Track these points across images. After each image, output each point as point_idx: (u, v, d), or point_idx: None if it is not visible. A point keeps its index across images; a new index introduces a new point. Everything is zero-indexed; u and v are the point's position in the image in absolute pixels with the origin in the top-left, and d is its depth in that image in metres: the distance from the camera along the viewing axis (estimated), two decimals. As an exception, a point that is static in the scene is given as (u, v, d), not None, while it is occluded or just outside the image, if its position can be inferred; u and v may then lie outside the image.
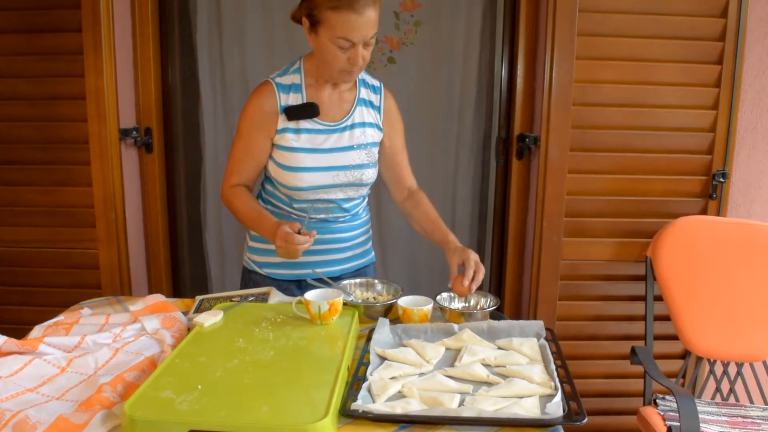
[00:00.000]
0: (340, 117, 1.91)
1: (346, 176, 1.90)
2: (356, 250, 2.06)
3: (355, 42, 1.71)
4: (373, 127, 1.96)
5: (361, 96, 1.94)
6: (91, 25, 2.32)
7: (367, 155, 1.94)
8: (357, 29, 1.69)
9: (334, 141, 1.89)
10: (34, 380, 1.36)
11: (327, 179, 1.89)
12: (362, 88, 1.96)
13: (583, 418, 1.21)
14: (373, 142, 1.96)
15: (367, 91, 1.97)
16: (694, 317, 2.22)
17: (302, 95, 1.88)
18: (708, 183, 2.44)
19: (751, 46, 2.38)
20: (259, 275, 2.04)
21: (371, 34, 1.72)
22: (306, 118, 1.87)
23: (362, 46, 1.73)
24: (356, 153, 1.91)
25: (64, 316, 1.72)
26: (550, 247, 2.46)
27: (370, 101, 1.96)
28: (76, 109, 2.39)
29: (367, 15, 1.68)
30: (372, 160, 1.95)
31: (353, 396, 1.28)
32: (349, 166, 1.90)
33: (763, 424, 2.02)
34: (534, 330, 1.62)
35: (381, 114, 1.97)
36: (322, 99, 1.89)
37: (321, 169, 1.88)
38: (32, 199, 2.48)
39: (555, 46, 2.32)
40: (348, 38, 1.70)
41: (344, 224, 2.00)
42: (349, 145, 1.90)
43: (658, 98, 2.38)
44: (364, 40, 1.72)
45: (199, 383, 1.27)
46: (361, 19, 1.68)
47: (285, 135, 1.87)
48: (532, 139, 2.51)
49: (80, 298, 1.94)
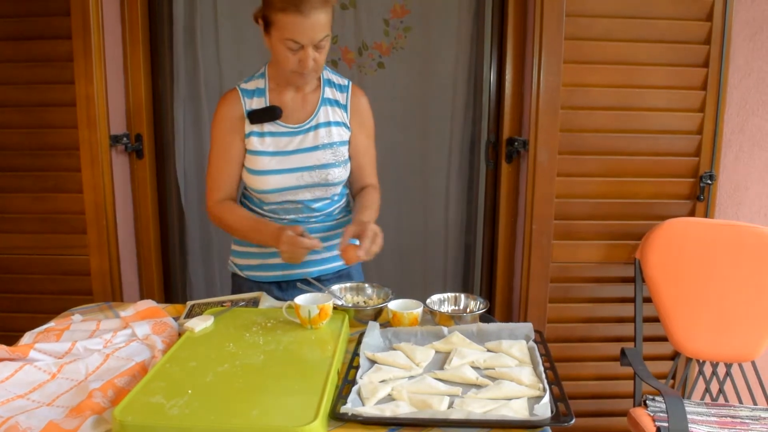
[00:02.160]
0: (304, 118, 1.92)
1: (312, 177, 1.91)
2: (333, 252, 2.00)
3: (303, 44, 1.73)
4: (340, 125, 1.95)
5: (325, 96, 1.94)
6: (81, 31, 2.33)
7: (333, 154, 1.92)
8: (303, 31, 1.70)
9: (298, 142, 1.91)
10: (25, 386, 1.36)
11: (292, 181, 1.91)
12: (327, 87, 1.95)
13: (571, 419, 1.22)
14: (341, 141, 1.94)
15: (332, 90, 1.95)
16: (683, 318, 2.24)
17: (265, 99, 1.92)
18: (695, 185, 2.46)
19: (736, 48, 2.40)
20: (240, 278, 2.07)
21: (320, 37, 1.73)
22: (268, 121, 1.90)
23: (312, 48, 1.74)
24: (321, 153, 1.91)
25: (55, 322, 1.72)
26: (539, 250, 2.47)
27: (336, 100, 1.95)
28: (66, 116, 2.39)
29: (314, 17, 1.69)
30: (339, 159, 1.94)
31: (343, 399, 1.29)
32: (314, 167, 1.91)
33: (752, 424, 2.03)
34: (523, 332, 1.63)
35: (348, 112, 1.96)
36: (285, 102, 1.92)
37: (285, 171, 1.90)
38: (23, 206, 2.48)
39: (543, 50, 2.34)
40: (295, 40, 1.72)
41: (318, 224, 2.00)
42: (313, 146, 1.91)
43: (646, 101, 2.40)
44: (312, 42, 1.73)
45: (189, 388, 1.28)
46: (308, 21, 1.69)
47: (251, 139, 1.90)
48: (521, 143, 2.53)
49: (71, 304, 1.94)
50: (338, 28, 3.39)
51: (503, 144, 2.61)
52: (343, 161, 1.95)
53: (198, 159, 3.43)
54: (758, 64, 2.42)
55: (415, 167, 3.58)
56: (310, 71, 1.80)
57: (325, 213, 2.01)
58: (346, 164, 1.97)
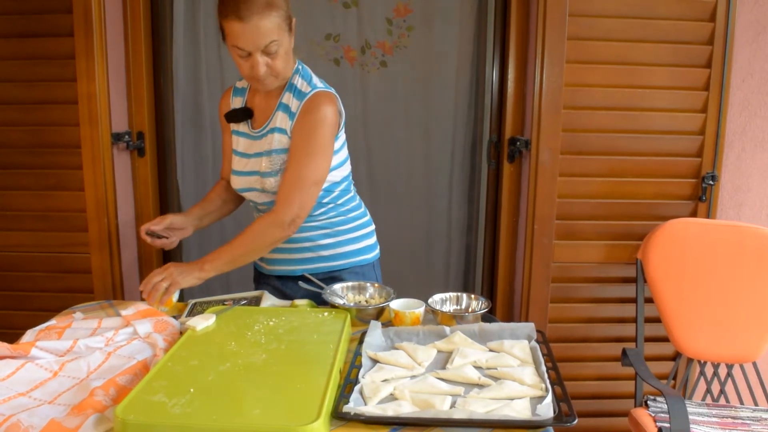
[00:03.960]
0: (262, 123, 1.91)
1: (256, 182, 1.91)
2: (317, 252, 1.98)
3: (248, 50, 1.71)
4: (283, 133, 1.86)
5: (282, 101, 1.87)
6: (83, 29, 2.32)
7: (270, 162, 1.87)
8: (245, 38, 1.69)
9: (256, 147, 1.91)
10: (26, 384, 1.36)
11: (245, 183, 1.95)
12: (287, 92, 1.87)
13: (573, 419, 1.22)
14: (281, 148, 1.86)
15: (290, 95, 1.86)
16: (684, 319, 2.24)
17: (243, 99, 1.97)
18: (697, 185, 2.46)
19: (739, 49, 2.40)
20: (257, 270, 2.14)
21: (264, 43, 1.70)
22: (237, 122, 1.95)
23: (261, 54, 1.72)
24: (263, 160, 1.89)
25: (57, 320, 1.72)
26: (541, 250, 2.47)
27: (288, 106, 1.86)
28: (68, 114, 2.39)
29: (254, 23, 1.66)
30: (274, 167, 1.86)
31: (345, 399, 1.29)
32: (257, 173, 1.90)
33: (753, 425, 2.03)
34: (525, 332, 1.62)
35: (293, 121, 1.84)
36: (255, 104, 1.95)
37: (242, 173, 1.95)
38: (24, 204, 2.48)
39: (545, 50, 2.33)
40: (239, 47, 1.71)
41: None
42: (260, 152, 1.90)
43: (648, 101, 2.40)
44: (256, 48, 1.70)
45: (191, 386, 1.28)
46: (248, 27, 1.67)
47: (232, 137, 1.98)
48: (523, 143, 2.52)
49: (72, 302, 1.94)
50: (341, 27, 3.39)
51: (505, 144, 2.61)
52: (279, 171, 1.86)
53: (197, 156, 3.43)
54: (761, 65, 2.42)
55: (417, 166, 3.58)
56: (266, 77, 1.77)
57: None
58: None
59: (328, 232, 1.97)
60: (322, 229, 1.97)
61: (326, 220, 1.97)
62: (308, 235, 1.96)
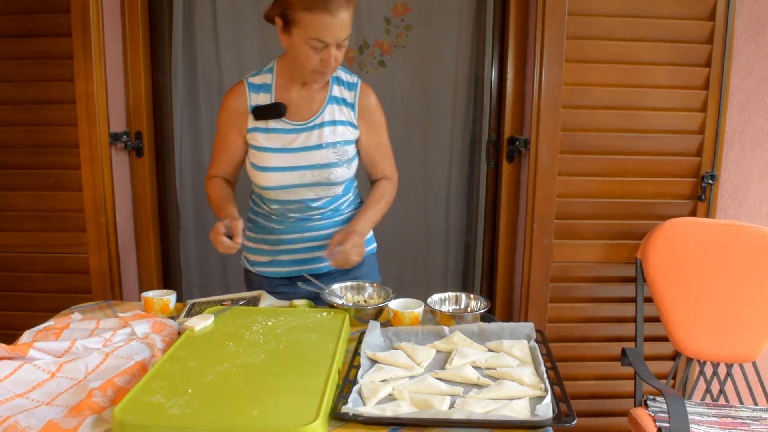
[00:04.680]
0: (309, 116, 1.91)
1: (314, 175, 1.91)
2: None
3: (329, 43, 1.73)
4: (346, 124, 1.94)
5: (332, 94, 1.93)
6: (81, 28, 2.32)
7: (336, 154, 1.91)
8: (330, 31, 1.70)
9: (303, 140, 1.90)
10: (24, 385, 1.35)
11: (294, 179, 1.91)
12: (335, 85, 1.94)
13: (573, 419, 1.22)
14: (345, 140, 1.93)
15: (340, 88, 1.94)
16: (684, 318, 2.23)
17: (271, 95, 1.92)
18: (697, 185, 2.45)
19: (738, 48, 2.40)
20: (251, 273, 2.09)
21: (344, 36, 1.74)
22: (271, 118, 1.91)
23: (335, 47, 1.75)
24: (324, 152, 1.90)
25: (54, 321, 1.71)
26: (540, 250, 2.47)
27: (343, 99, 1.94)
28: (66, 113, 2.38)
29: (340, 17, 1.69)
30: (342, 158, 1.92)
31: (344, 399, 1.29)
32: (316, 165, 1.90)
33: (753, 425, 2.03)
34: (524, 332, 1.62)
35: (356, 111, 1.94)
36: (291, 99, 1.92)
37: (288, 168, 1.91)
38: (22, 204, 2.47)
39: (544, 49, 2.33)
40: (321, 39, 1.71)
41: (323, 221, 2.00)
42: (317, 144, 1.90)
43: (647, 101, 2.40)
44: (337, 41, 1.73)
45: (189, 387, 1.27)
46: (335, 20, 1.69)
47: (255, 134, 1.92)
48: (522, 142, 2.52)
49: (71, 302, 1.93)
50: (339, 27, 3.38)
51: (504, 143, 2.61)
52: (347, 160, 1.93)
53: (195, 156, 3.42)
54: (760, 64, 2.42)
55: (416, 166, 3.57)
56: (331, 70, 1.81)
57: (331, 209, 2.01)
58: (350, 163, 1.95)
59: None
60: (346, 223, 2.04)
61: (349, 213, 2.06)
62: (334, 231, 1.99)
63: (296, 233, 2.00)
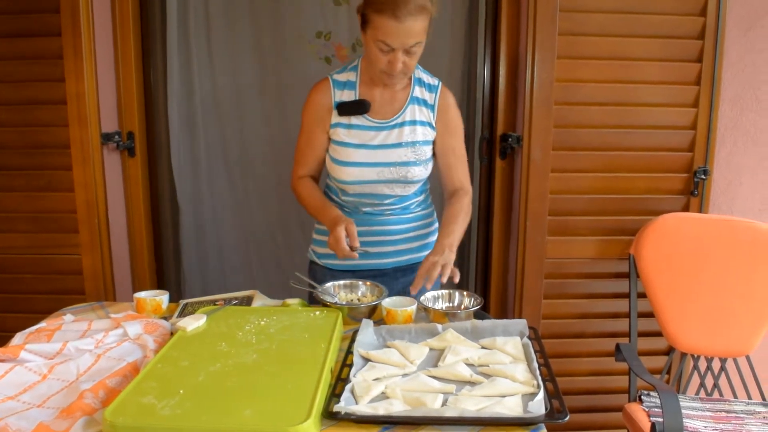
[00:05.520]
0: (391, 114, 1.95)
1: (391, 173, 1.94)
2: (410, 244, 2.07)
3: (394, 48, 1.75)
4: (425, 125, 1.97)
5: (414, 94, 1.96)
6: (71, 29, 2.31)
7: (414, 153, 1.94)
8: (396, 35, 1.72)
9: (383, 138, 1.94)
10: (15, 388, 1.34)
11: (372, 175, 1.94)
12: (416, 86, 1.97)
13: (565, 415, 1.22)
14: (424, 140, 1.96)
15: (421, 89, 1.97)
16: (677, 314, 2.24)
17: (355, 92, 1.95)
18: (689, 180, 2.46)
19: (730, 43, 2.40)
20: (317, 265, 2.13)
21: (411, 43, 1.74)
22: (356, 115, 1.94)
23: (403, 52, 1.76)
24: (403, 150, 1.93)
25: (47, 322, 1.70)
26: (534, 246, 2.47)
27: (424, 100, 1.97)
28: (57, 114, 2.37)
29: (408, 24, 1.70)
30: (420, 157, 1.95)
31: (336, 398, 1.28)
32: (395, 163, 1.93)
33: (747, 419, 2.03)
34: (517, 329, 1.62)
35: (435, 112, 1.97)
36: (374, 97, 1.95)
37: (367, 164, 1.94)
38: (14, 205, 2.46)
39: (536, 45, 2.33)
40: (387, 42, 1.74)
41: (393, 217, 2.04)
42: (397, 143, 1.93)
43: (639, 96, 2.40)
44: (402, 47, 1.75)
45: (181, 388, 1.27)
46: (402, 26, 1.71)
47: (337, 130, 1.95)
48: (514, 139, 2.52)
49: (63, 304, 1.93)
50: (332, 24, 3.37)
51: (497, 140, 2.61)
52: (425, 160, 1.96)
53: (192, 156, 3.41)
54: (752, 60, 2.42)
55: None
56: (398, 73, 1.82)
57: (402, 207, 2.04)
58: (427, 163, 1.98)
59: (421, 223, 2.10)
60: (419, 221, 2.09)
61: (421, 211, 2.10)
62: (408, 227, 2.06)
63: (366, 226, 2.01)
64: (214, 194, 3.47)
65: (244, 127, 3.43)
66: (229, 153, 3.47)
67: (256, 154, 3.44)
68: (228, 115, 3.43)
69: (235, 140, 3.45)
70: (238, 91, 3.38)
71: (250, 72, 3.35)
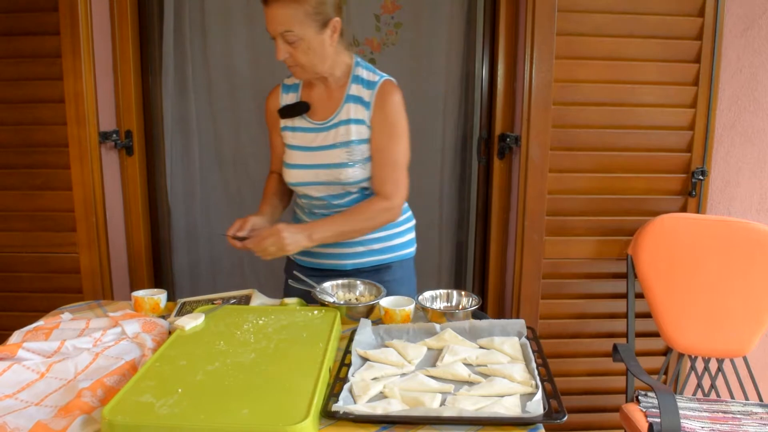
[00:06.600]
0: (328, 115, 1.92)
1: (326, 175, 1.91)
2: (370, 246, 2.01)
3: (271, 34, 1.77)
4: (360, 123, 1.90)
5: (350, 92, 1.91)
6: (69, 27, 2.31)
7: (348, 154, 1.89)
8: (268, 20, 1.76)
9: (321, 139, 1.92)
10: (13, 386, 1.34)
11: (310, 177, 1.93)
12: (353, 84, 1.91)
13: (563, 415, 1.22)
14: (359, 139, 1.89)
15: (358, 87, 1.91)
16: (675, 314, 2.24)
17: (297, 94, 1.97)
18: (687, 181, 2.46)
19: (728, 44, 2.40)
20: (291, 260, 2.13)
21: (280, 30, 1.75)
22: (294, 117, 1.95)
23: (282, 41, 1.77)
24: (337, 151, 1.90)
25: (44, 321, 1.70)
26: (532, 246, 2.47)
27: (360, 97, 1.90)
28: (55, 112, 2.37)
29: (273, 9, 1.73)
30: (354, 158, 1.89)
31: (334, 397, 1.28)
32: (329, 165, 1.90)
33: (744, 419, 2.04)
34: (515, 329, 1.62)
35: (371, 110, 1.90)
36: (313, 98, 1.95)
37: (305, 166, 1.93)
38: (11, 204, 2.46)
39: (534, 46, 2.33)
40: (267, 29, 1.77)
41: None
42: (332, 144, 1.91)
43: (637, 97, 2.40)
44: (274, 33, 1.76)
45: (179, 387, 1.27)
46: (269, 11, 1.74)
47: (285, 133, 1.98)
48: (513, 139, 2.52)
49: (61, 302, 1.92)
50: (330, 24, 3.37)
51: (495, 140, 2.61)
52: (361, 161, 1.90)
53: (187, 155, 3.41)
54: (749, 60, 2.43)
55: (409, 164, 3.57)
56: (292, 65, 1.83)
57: None
58: (363, 164, 1.91)
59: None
60: None
61: None
62: None
63: None
64: (207, 193, 3.48)
65: (239, 126, 3.43)
66: (222, 152, 3.47)
67: (250, 153, 3.44)
68: (222, 115, 3.43)
69: (228, 140, 3.45)
70: (233, 90, 3.38)
71: (245, 71, 3.35)
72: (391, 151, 1.91)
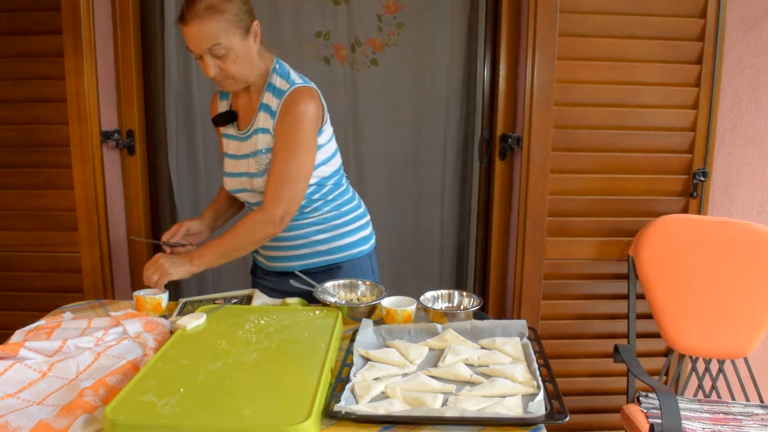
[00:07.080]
0: (248, 124, 1.93)
1: (241, 183, 1.94)
2: (314, 248, 1.99)
3: (196, 53, 1.76)
4: (266, 132, 1.86)
5: (263, 101, 1.88)
6: (71, 26, 2.31)
7: (256, 163, 1.87)
8: (190, 40, 1.74)
9: (244, 148, 1.93)
10: (15, 385, 1.34)
11: (236, 185, 1.97)
12: (266, 92, 1.87)
13: (565, 416, 1.22)
14: (267, 148, 1.86)
15: (269, 95, 1.86)
16: (676, 315, 2.24)
17: (227, 102, 1.99)
18: (689, 182, 2.46)
19: (730, 45, 2.40)
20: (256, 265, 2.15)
21: (207, 46, 1.73)
22: (223, 125, 1.98)
23: (210, 57, 1.75)
24: (246, 161, 1.91)
25: (46, 320, 1.70)
26: (533, 247, 2.47)
27: (269, 105, 1.86)
28: (56, 112, 2.37)
29: (195, 27, 1.71)
30: (261, 168, 1.86)
31: (336, 397, 1.28)
32: (243, 174, 1.93)
33: (745, 420, 2.04)
34: (517, 329, 1.62)
35: (275, 119, 1.84)
36: (239, 106, 1.97)
37: (233, 174, 1.97)
38: (13, 203, 2.46)
39: (536, 46, 2.33)
40: (190, 49, 1.76)
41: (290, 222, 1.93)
42: (246, 153, 1.92)
43: (639, 98, 2.40)
44: (200, 51, 1.75)
45: (181, 386, 1.27)
46: (190, 30, 1.72)
47: (223, 140, 2.01)
48: (514, 139, 2.52)
49: (62, 301, 1.92)
50: (330, 24, 3.37)
51: (497, 141, 2.61)
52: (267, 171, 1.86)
53: (190, 154, 3.41)
54: (751, 61, 2.43)
55: (409, 164, 3.57)
56: (222, 79, 1.82)
57: None
58: None
59: (322, 227, 1.99)
60: (316, 225, 1.98)
61: (319, 216, 1.97)
62: (302, 232, 1.97)
63: None
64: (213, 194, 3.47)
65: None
66: None
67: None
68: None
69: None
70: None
71: None
72: (283, 161, 1.81)
